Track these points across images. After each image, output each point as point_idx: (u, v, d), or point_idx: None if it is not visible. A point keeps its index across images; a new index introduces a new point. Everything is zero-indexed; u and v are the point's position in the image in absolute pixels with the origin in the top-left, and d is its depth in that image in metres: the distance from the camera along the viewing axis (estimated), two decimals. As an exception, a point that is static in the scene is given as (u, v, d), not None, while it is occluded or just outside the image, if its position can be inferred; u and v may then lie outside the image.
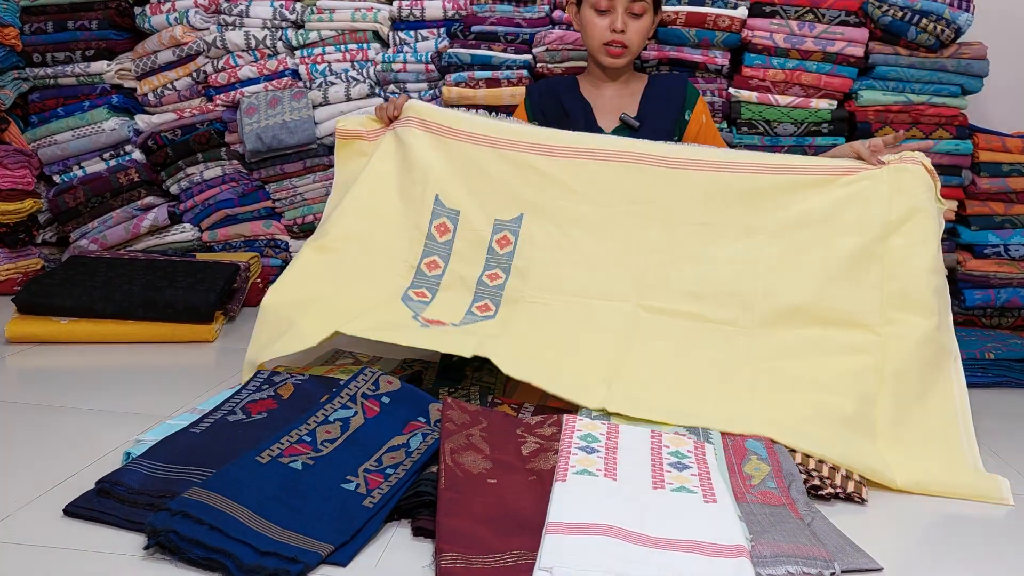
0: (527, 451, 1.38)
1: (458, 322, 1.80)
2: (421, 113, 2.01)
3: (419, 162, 1.97)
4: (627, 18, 2.09)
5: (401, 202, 1.96)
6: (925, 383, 1.74)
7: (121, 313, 2.09)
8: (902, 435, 1.67)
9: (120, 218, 2.73)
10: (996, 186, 2.44)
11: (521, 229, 1.91)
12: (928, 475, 1.54)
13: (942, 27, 2.35)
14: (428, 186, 1.95)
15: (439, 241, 1.93)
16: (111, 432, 1.53)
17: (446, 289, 1.88)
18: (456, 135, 1.98)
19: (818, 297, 1.79)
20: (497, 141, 1.96)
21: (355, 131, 2.08)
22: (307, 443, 1.34)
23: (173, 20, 2.70)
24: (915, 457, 1.61)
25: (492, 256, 1.92)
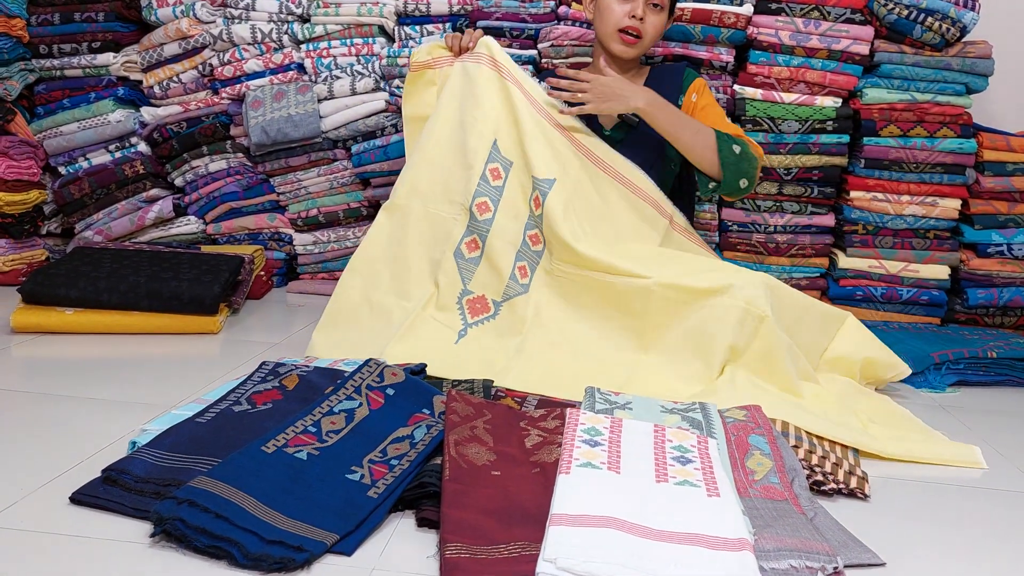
0: (530, 443, 1.39)
1: (499, 298, 1.94)
2: (495, 52, 2.06)
3: (484, 100, 2.03)
4: (647, 8, 2.09)
5: (465, 140, 2.02)
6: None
7: (126, 304, 2.10)
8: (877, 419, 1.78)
9: (125, 210, 2.74)
10: (1000, 185, 2.45)
11: (550, 192, 1.95)
12: (912, 445, 1.65)
13: (947, 26, 2.35)
14: (488, 126, 2.02)
15: (491, 184, 1.99)
16: (117, 421, 1.53)
17: (495, 238, 1.96)
18: (517, 83, 2.03)
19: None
20: (539, 104, 2.03)
21: (424, 62, 2.13)
22: (312, 434, 1.34)
23: (179, 13, 2.71)
24: (895, 427, 1.75)
25: (531, 215, 1.99)
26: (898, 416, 1.83)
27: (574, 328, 1.91)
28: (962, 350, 2.16)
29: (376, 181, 2.75)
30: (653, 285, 1.84)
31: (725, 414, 1.57)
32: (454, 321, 1.93)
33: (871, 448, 1.60)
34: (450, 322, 1.93)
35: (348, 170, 2.76)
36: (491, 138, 2.00)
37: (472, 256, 1.97)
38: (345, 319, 1.99)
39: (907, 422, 1.80)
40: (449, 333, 1.92)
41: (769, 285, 1.84)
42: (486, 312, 1.93)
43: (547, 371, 1.82)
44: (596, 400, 1.57)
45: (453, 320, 1.93)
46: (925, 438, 1.72)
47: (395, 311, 1.98)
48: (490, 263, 1.95)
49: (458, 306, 1.93)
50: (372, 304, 2.00)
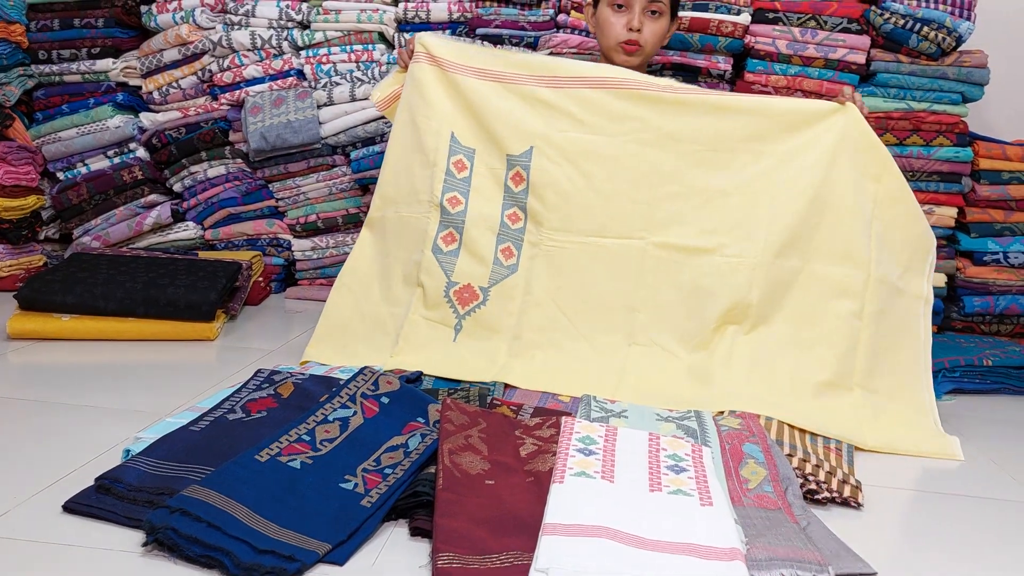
0: (525, 452, 1.39)
1: (486, 284, 1.94)
2: (429, 47, 2.05)
3: (432, 98, 2.03)
4: (644, 17, 2.09)
5: (421, 140, 2.02)
6: (899, 328, 1.89)
7: (123, 310, 2.10)
8: (876, 384, 1.85)
9: (123, 215, 2.74)
10: (996, 193, 2.45)
11: (532, 163, 1.96)
12: (894, 435, 1.73)
13: (943, 35, 2.36)
14: (443, 123, 2.02)
15: (458, 177, 1.99)
16: (111, 429, 1.54)
17: (471, 228, 1.96)
18: (463, 70, 2.02)
19: (816, 228, 1.88)
20: (503, 75, 2.00)
21: (392, 94, 2.13)
22: (306, 442, 1.34)
23: (179, 19, 2.71)
24: (883, 411, 1.80)
25: (508, 194, 1.99)
26: (904, 388, 1.87)
27: (568, 300, 1.92)
28: (958, 358, 2.17)
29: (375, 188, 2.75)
30: (646, 245, 1.89)
31: (720, 422, 1.57)
32: (447, 316, 1.94)
33: (853, 441, 1.68)
34: (443, 318, 1.94)
35: (347, 176, 2.77)
36: (447, 132, 2.01)
37: (450, 249, 1.97)
38: (339, 332, 2.00)
39: (908, 379, 1.87)
40: (445, 331, 1.93)
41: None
42: (475, 300, 1.94)
43: (546, 363, 1.86)
44: (592, 408, 1.58)
45: (445, 315, 1.94)
46: (914, 412, 1.82)
47: (387, 320, 2.00)
48: (470, 252, 1.96)
49: (447, 299, 1.94)
50: (364, 315, 2.02)
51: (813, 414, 1.73)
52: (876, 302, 1.86)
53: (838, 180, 1.87)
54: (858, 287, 1.85)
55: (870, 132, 1.90)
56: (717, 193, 1.91)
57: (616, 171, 1.94)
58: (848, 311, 1.85)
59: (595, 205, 1.94)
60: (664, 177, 1.93)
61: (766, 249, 1.86)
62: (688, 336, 1.87)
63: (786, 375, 1.82)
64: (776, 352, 1.84)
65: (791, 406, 1.75)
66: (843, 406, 1.79)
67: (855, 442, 1.68)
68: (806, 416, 1.72)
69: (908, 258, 1.92)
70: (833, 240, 1.86)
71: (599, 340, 1.90)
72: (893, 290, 1.89)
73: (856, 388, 1.84)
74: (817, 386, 1.81)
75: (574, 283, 1.93)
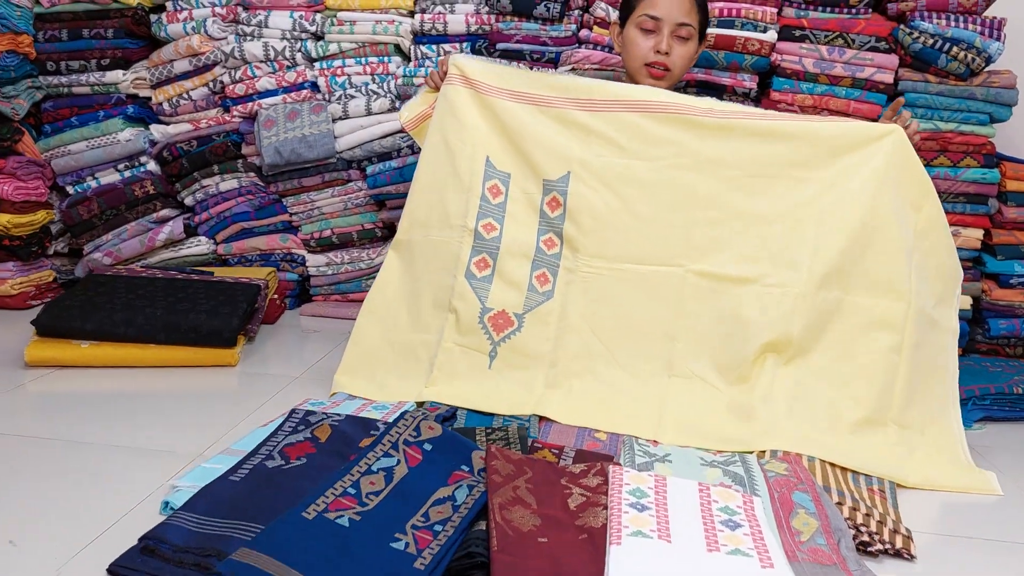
0: (574, 504, 1.36)
1: (521, 311, 1.90)
2: (464, 69, 2.01)
3: (467, 121, 1.99)
4: (672, 41, 2.06)
5: (455, 164, 1.98)
6: (932, 361, 1.86)
7: (143, 337, 2.06)
8: (909, 419, 1.82)
9: (135, 231, 2.69)
10: (1022, 216, 2.43)
11: (569, 188, 1.93)
12: (932, 471, 1.72)
13: (973, 55, 2.33)
14: (478, 147, 1.98)
15: (493, 203, 1.96)
16: (143, 473, 1.50)
17: (506, 255, 1.93)
18: (499, 93, 1.99)
19: (860, 258, 1.84)
20: (538, 98, 1.97)
21: (421, 114, 2.09)
22: (352, 496, 1.31)
23: (190, 29, 2.66)
24: (918, 447, 1.78)
25: (544, 220, 1.95)
26: (934, 422, 1.84)
27: (604, 327, 1.90)
28: (988, 386, 2.15)
29: (392, 203, 2.71)
30: (685, 273, 1.87)
31: (766, 467, 1.55)
32: (481, 343, 1.90)
33: (894, 479, 1.66)
34: (477, 345, 1.90)
35: (363, 191, 2.72)
36: (482, 156, 1.97)
37: (484, 275, 1.93)
38: (368, 361, 1.97)
39: (939, 412, 1.85)
40: (480, 358, 1.90)
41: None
42: (510, 326, 1.91)
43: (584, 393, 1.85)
44: (636, 453, 1.55)
45: (480, 342, 1.90)
46: (944, 445, 1.80)
47: (418, 348, 1.96)
48: (503, 278, 1.93)
49: (481, 325, 1.90)
50: (394, 345, 1.98)
51: (853, 452, 1.71)
52: (915, 335, 1.83)
53: (882, 208, 1.84)
54: (899, 320, 1.82)
55: (915, 158, 1.87)
56: (758, 220, 1.88)
57: (654, 196, 1.91)
58: (888, 345, 1.82)
59: (632, 231, 1.91)
60: (703, 203, 1.89)
61: (810, 279, 1.82)
62: (728, 367, 1.84)
63: (824, 411, 1.79)
64: (815, 386, 1.81)
65: (831, 444, 1.73)
66: (880, 443, 1.76)
67: (896, 479, 1.67)
68: (846, 455, 1.70)
69: (942, 289, 1.90)
70: (876, 271, 1.83)
71: (637, 369, 1.87)
72: (929, 322, 1.86)
73: (891, 424, 1.81)
74: (855, 423, 1.78)
75: (611, 310, 1.90)
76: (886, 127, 1.88)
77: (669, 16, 2.04)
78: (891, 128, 1.87)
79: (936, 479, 1.70)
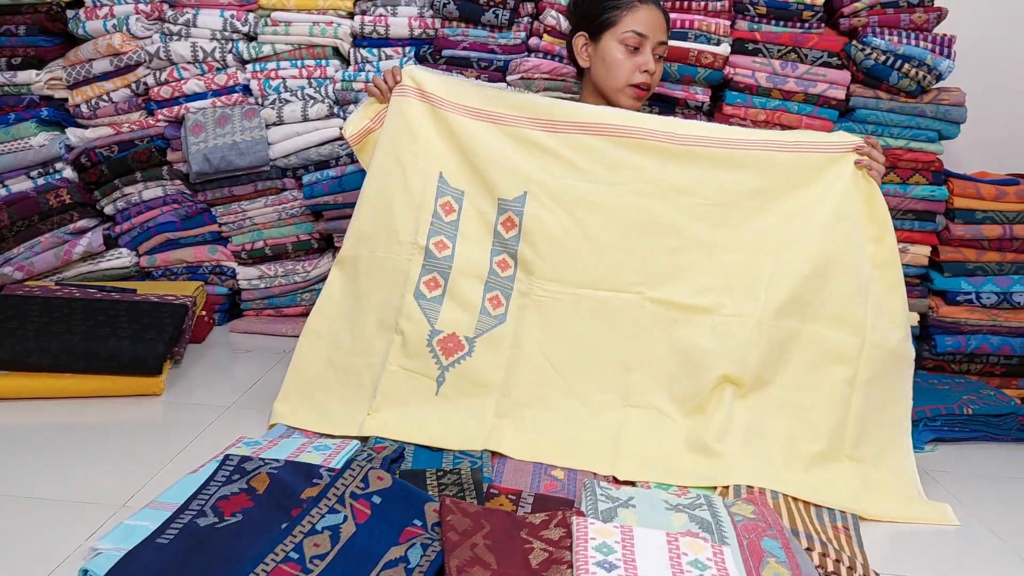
0: (536, 562, 1.27)
1: (472, 334, 1.81)
2: (420, 82, 1.90)
3: (420, 135, 1.89)
4: (654, 60, 1.99)
5: (406, 178, 1.87)
6: (886, 393, 1.82)
7: (59, 366, 1.89)
8: (862, 452, 1.78)
9: (49, 243, 2.50)
10: (969, 233, 2.43)
11: (525, 209, 1.84)
12: (888, 504, 1.69)
13: (924, 73, 2.31)
14: (431, 162, 1.88)
15: (445, 220, 1.86)
16: (60, 529, 1.35)
17: (458, 274, 1.84)
18: (455, 108, 1.88)
19: (818, 288, 1.79)
20: (496, 116, 1.88)
21: (364, 128, 1.96)
22: (295, 562, 1.19)
23: (111, 27, 2.48)
24: (871, 481, 1.74)
25: (498, 240, 1.86)
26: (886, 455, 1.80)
27: (559, 354, 1.82)
28: (939, 407, 2.13)
29: (329, 214, 2.58)
30: (643, 301, 1.81)
31: (732, 509, 1.48)
32: (428, 367, 1.80)
33: (855, 511, 1.64)
34: (424, 369, 1.80)
35: (298, 201, 2.59)
36: (436, 172, 1.88)
37: (434, 295, 1.83)
38: (309, 385, 1.85)
39: (891, 443, 1.81)
40: (426, 384, 1.80)
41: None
42: (460, 350, 1.81)
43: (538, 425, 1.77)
44: (598, 498, 1.46)
45: (427, 366, 1.80)
46: (895, 479, 1.77)
47: (361, 371, 1.85)
48: (455, 299, 1.83)
49: (429, 349, 1.80)
50: (337, 367, 1.86)
51: (810, 486, 1.69)
52: (869, 369, 1.79)
53: (840, 240, 1.79)
54: (852, 353, 1.78)
55: (876, 191, 1.82)
56: (718, 249, 1.82)
57: (613, 221, 1.83)
58: (842, 378, 1.77)
59: (589, 256, 1.83)
60: (663, 229, 1.83)
61: (767, 309, 1.77)
62: (684, 399, 1.77)
63: (781, 446, 1.74)
64: (772, 421, 1.75)
65: (787, 478, 1.69)
66: (835, 478, 1.73)
67: (857, 512, 1.64)
68: (803, 489, 1.67)
69: (900, 320, 1.85)
70: (833, 302, 1.79)
71: (593, 399, 1.80)
72: (886, 355, 1.81)
73: (844, 459, 1.77)
74: (812, 457, 1.73)
75: (566, 337, 1.82)
76: (844, 157, 1.83)
77: (653, 34, 1.98)
78: (849, 158, 1.82)
79: (892, 512, 1.68)
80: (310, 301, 2.59)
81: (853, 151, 1.82)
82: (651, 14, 1.98)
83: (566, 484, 1.60)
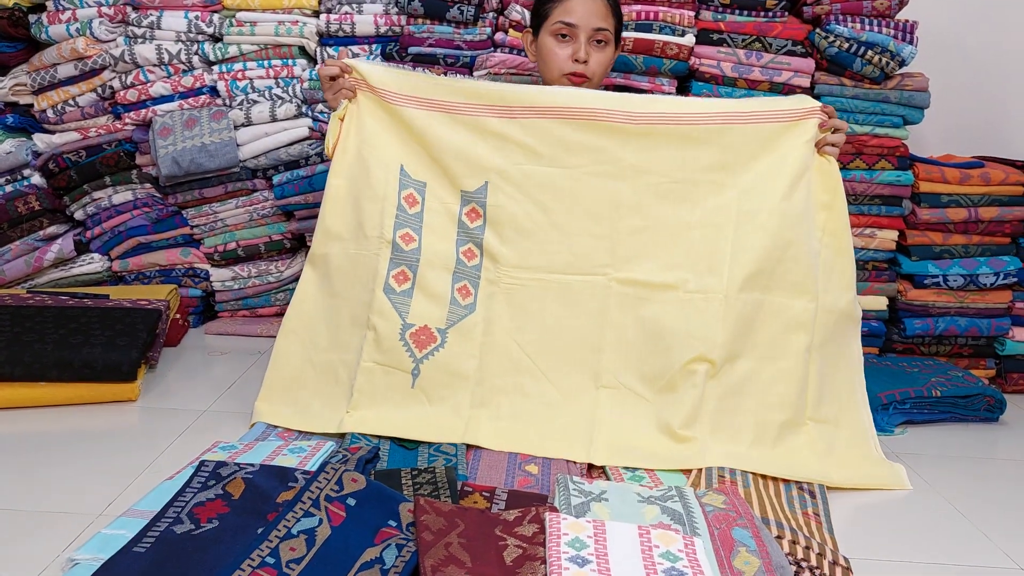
0: (510, 559, 1.28)
1: (443, 325, 1.83)
2: (368, 77, 1.88)
3: (376, 129, 1.88)
4: (589, 47, 1.99)
5: (368, 173, 1.87)
6: (841, 354, 1.89)
7: (32, 376, 1.89)
8: (823, 412, 1.85)
9: (20, 251, 2.49)
10: (935, 216, 2.46)
11: (488, 200, 1.85)
12: (850, 467, 1.78)
13: (887, 59, 2.34)
14: (391, 154, 1.87)
15: (409, 212, 1.86)
16: (36, 541, 1.35)
17: (426, 267, 1.84)
18: (406, 101, 1.87)
19: (778, 260, 1.83)
20: (450, 105, 1.86)
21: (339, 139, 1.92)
22: (271, 566, 1.20)
23: (74, 31, 2.46)
24: (835, 440, 1.83)
25: (463, 230, 1.87)
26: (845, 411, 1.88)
27: (530, 340, 1.84)
28: (908, 389, 2.17)
29: (301, 214, 2.58)
30: (609, 282, 1.84)
31: (703, 500, 1.50)
32: (403, 361, 1.81)
33: (821, 481, 1.72)
34: (399, 363, 1.81)
35: (269, 201, 2.59)
36: (396, 165, 1.88)
37: (404, 289, 1.84)
38: (289, 384, 1.87)
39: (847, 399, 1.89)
40: (402, 378, 1.81)
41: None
42: (433, 342, 1.82)
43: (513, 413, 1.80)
44: (571, 493, 1.48)
45: (401, 360, 1.81)
46: (858, 455, 1.83)
47: (338, 368, 1.86)
48: (425, 292, 1.84)
49: (402, 343, 1.81)
50: (315, 365, 1.88)
51: (779, 461, 1.75)
52: (822, 332, 1.85)
53: (799, 210, 1.83)
54: (808, 319, 1.83)
55: (830, 159, 1.87)
56: (680, 226, 1.84)
57: (575, 205, 1.84)
58: (803, 345, 1.82)
59: (555, 241, 1.85)
60: (625, 210, 1.84)
61: (730, 284, 1.80)
62: (654, 376, 1.81)
63: (750, 421, 1.80)
64: (741, 395, 1.80)
65: (757, 456, 1.75)
66: (802, 445, 1.80)
67: (823, 481, 1.72)
68: (772, 464, 1.73)
69: (849, 282, 1.90)
70: (792, 273, 1.82)
71: (565, 383, 1.82)
72: (837, 317, 1.87)
73: (808, 422, 1.84)
74: (779, 427, 1.80)
75: (535, 322, 1.84)
76: (802, 123, 1.84)
77: (585, 22, 1.98)
78: (806, 124, 1.84)
79: (854, 478, 1.76)
80: (284, 301, 2.59)
81: (812, 117, 1.84)
82: (583, 3, 1.98)
83: (540, 479, 1.62)
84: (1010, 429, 2.20)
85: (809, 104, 1.85)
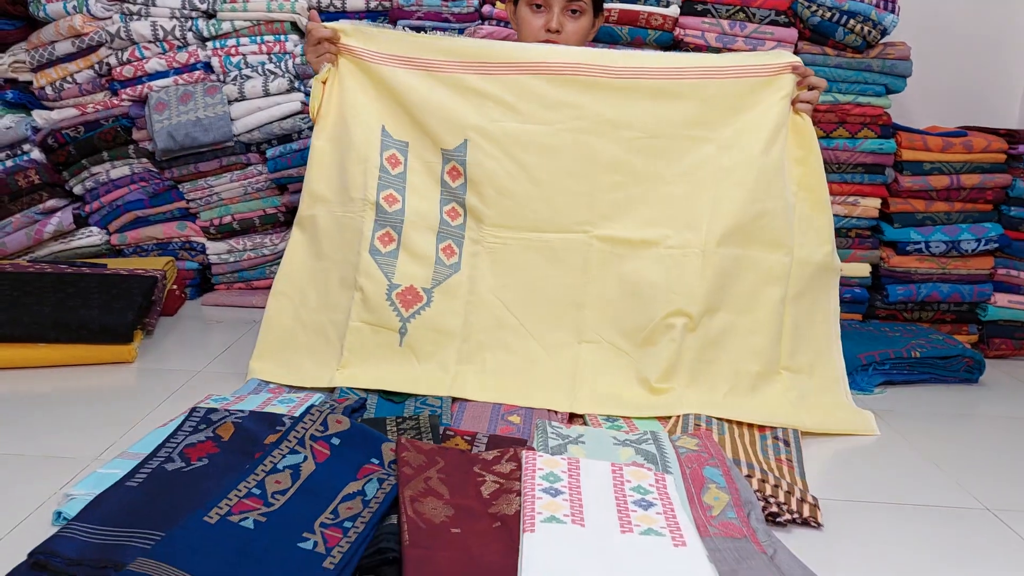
0: (487, 492, 1.34)
1: (429, 285, 1.87)
2: (348, 36, 1.91)
3: (357, 90, 1.91)
4: (564, 17, 2.03)
5: (350, 134, 1.90)
6: (816, 305, 1.94)
7: (31, 336, 1.94)
8: (798, 362, 1.92)
9: (20, 223, 2.55)
10: (918, 184, 2.50)
11: (467, 158, 1.88)
12: (822, 414, 1.84)
13: (869, 28, 2.38)
14: (372, 115, 1.91)
15: (392, 173, 1.90)
16: (34, 482, 1.41)
17: (410, 228, 1.88)
18: (385, 60, 1.90)
19: (757, 215, 1.87)
20: (428, 63, 1.89)
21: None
22: (257, 496, 1.26)
23: (71, 8, 2.52)
24: (808, 390, 1.89)
25: (446, 189, 1.91)
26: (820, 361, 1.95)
27: (513, 298, 1.89)
28: (887, 351, 2.22)
29: (294, 187, 2.63)
30: (590, 239, 1.88)
31: (677, 443, 1.56)
32: (390, 320, 1.86)
33: (794, 426, 1.77)
34: (386, 322, 1.86)
35: (263, 175, 2.64)
36: (378, 125, 1.91)
37: (389, 250, 1.89)
38: (282, 344, 1.92)
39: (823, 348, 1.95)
40: (390, 336, 1.86)
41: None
42: (419, 301, 1.88)
43: (497, 367, 1.84)
44: (548, 436, 1.54)
45: (389, 319, 1.86)
46: (834, 404, 1.90)
47: (328, 328, 1.92)
48: (410, 252, 1.89)
49: (389, 303, 1.86)
50: (306, 325, 1.93)
51: (754, 408, 1.81)
52: (797, 284, 1.90)
53: (775, 165, 1.87)
54: (783, 272, 1.88)
55: (803, 115, 1.91)
56: (659, 182, 1.88)
57: (555, 162, 1.88)
58: (778, 297, 1.88)
59: (535, 199, 1.89)
60: (605, 167, 1.88)
61: (708, 239, 1.85)
62: (634, 331, 1.86)
63: (727, 372, 1.85)
64: (718, 345, 1.86)
65: (732, 404, 1.81)
66: (776, 394, 1.86)
67: (796, 426, 1.77)
68: (747, 411, 1.79)
69: (827, 235, 1.94)
70: (769, 227, 1.87)
71: (548, 338, 1.88)
72: (813, 269, 1.92)
73: (783, 371, 1.90)
74: (754, 377, 1.86)
75: (519, 280, 1.89)
76: (779, 77, 1.88)
77: None
78: (783, 78, 1.88)
79: (824, 423, 1.82)
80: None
81: (790, 71, 1.88)
82: None
83: (521, 428, 1.67)
84: (988, 389, 2.25)
85: (786, 59, 1.88)
